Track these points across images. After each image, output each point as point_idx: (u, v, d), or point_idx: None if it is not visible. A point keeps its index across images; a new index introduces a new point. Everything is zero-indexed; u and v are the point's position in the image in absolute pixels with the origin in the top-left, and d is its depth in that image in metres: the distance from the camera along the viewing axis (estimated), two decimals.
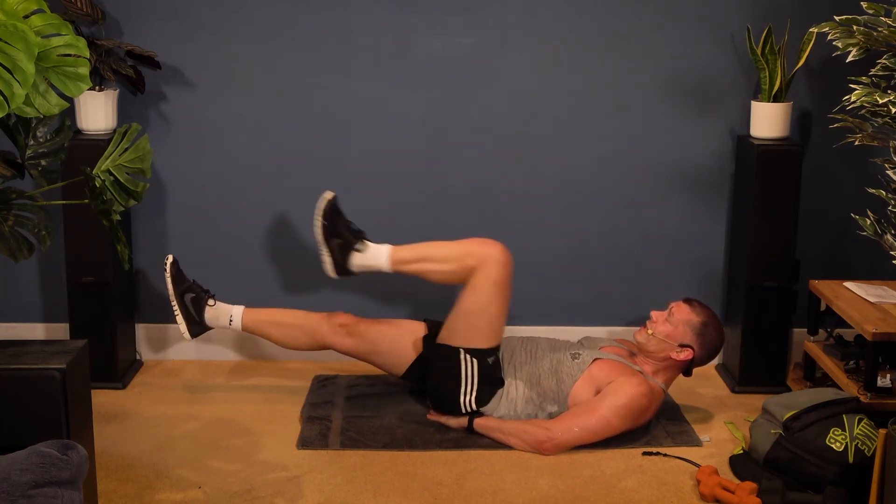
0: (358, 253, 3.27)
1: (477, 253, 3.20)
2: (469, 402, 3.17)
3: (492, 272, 3.18)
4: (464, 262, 3.21)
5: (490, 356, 3.19)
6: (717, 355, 3.32)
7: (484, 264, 3.18)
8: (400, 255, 3.27)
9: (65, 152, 2.69)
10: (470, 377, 3.17)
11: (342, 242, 3.27)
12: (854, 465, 2.79)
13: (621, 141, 3.70)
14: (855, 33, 2.86)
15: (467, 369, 3.17)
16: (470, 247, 3.23)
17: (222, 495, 2.79)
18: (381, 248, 3.28)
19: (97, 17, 3.41)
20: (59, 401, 2.34)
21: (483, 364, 3.18)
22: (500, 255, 3.20)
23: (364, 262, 3.28)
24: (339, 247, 3.27)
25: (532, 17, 3.61)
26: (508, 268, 3.21)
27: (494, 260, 3.19)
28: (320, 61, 3.62)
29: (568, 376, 3.18)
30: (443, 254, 3.25)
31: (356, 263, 3.28)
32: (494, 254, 3.19)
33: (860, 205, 3.39)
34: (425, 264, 3.26)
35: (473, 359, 3.18)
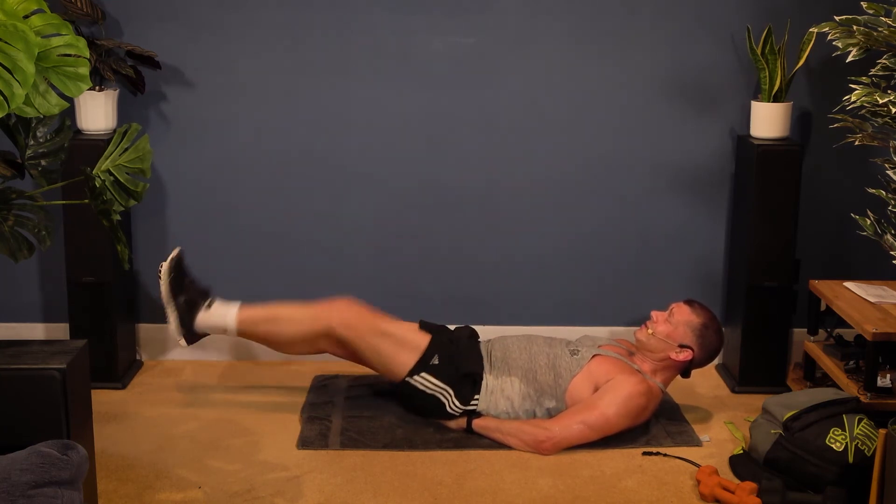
0: (204, 311, 3.22)
1: (324, 313, 3.21)
2: (454, 406, 3.18)
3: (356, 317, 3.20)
4: (314, 323, 3.20)
5: (430, 359, 3.20)
6: (716, 357, 3.32)
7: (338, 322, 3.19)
8: (248, 314, 3.22)
9: (65, 152, 2.69)
10: (436, 389, 3.18)
11: (187, 299, 3.21)
12: (854, 465, 2.79)
13: (621, 141, 3.70)
14: (855, 33, 2.86)
15: (427, 386, 3.19)
16: (318, 308, 3.23)
17: (222, 495, 2.79)
18: (230, 307, 3.23)
19: (97, 17, 3.41)
20: (59, 401, 2.34)
21: (433, 370, 3.19)
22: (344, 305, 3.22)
23: (210, 322, 3.22)
24: (185, 304, 3.21)
25: (532, 18, 3.61)
26: (361, 305, 3.23)
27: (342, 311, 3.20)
28: (320, 61, 3.62)
29: (566, 371, 3.18)
30: (292, 314, 3.23)
31: (202, 323, 3.22)
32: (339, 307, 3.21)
33: (860, 205, 3.39)
34: (274, 325, 3.23)
35: (420, 374, 3.19)
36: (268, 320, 3.24)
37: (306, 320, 3.22)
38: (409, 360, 3.21)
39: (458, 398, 3.17)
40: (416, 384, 3.19)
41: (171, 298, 3.21)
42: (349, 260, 3.76)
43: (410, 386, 3.20)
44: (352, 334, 3.20)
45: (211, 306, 3.24)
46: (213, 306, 3.24)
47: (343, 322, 3.20)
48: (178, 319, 3.22)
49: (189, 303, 3.23)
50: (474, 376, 3.19)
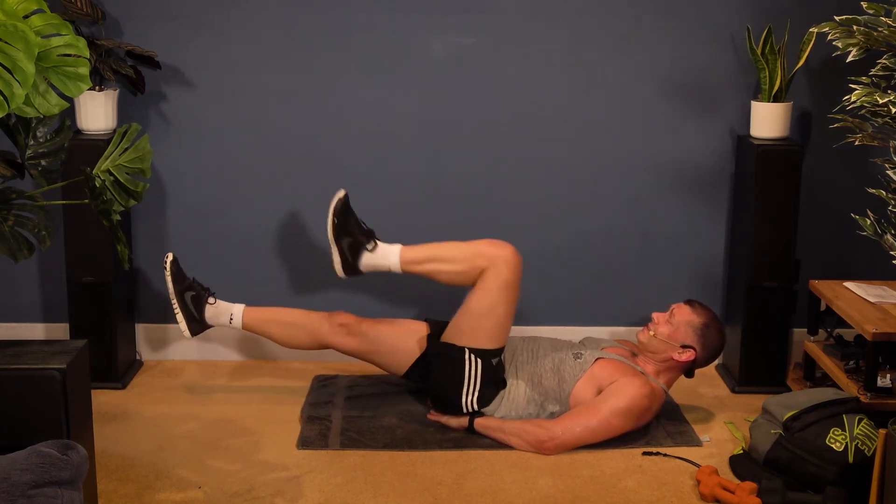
0: (368, 252, 3.26)
1: (487, 254, 3.19)
2: (471, 403, 3.17)
3: (502, 273, 3.17)
4: (474, 262, 3.19)
5: (494, 357, 3.19)
6: (718, 356, 3.33)
7: (494, 265, 3.17)
8: (410, 255, 3.26)
9: (65, 152, 2.69)
10: (473, 377, 3.17)
11: (352, 241, 3.26)
12: (854, 465, 2.79)
13: (621, 141, 3.70)
14: (855, 33, 2.86)
15: (471, 369, 3.17)
16: (480, 248, 3.22)
17: (222, 495, 2.79)
18: (392, 249, 3.26)
19: (97, 17, 3.41)
20: (59, 401, 2.34)
21: (487, 365, 3.17)
22: (510, 257, 3.18)
23: (374, 262, 3.27)
24: (349, 246, 3.26)
25: (532, 18, 3.61)
26: (518, 270, 3.20)
27: (505, 261, 3.17)
28: (320, 61, 3.62)
29: (570, 376, 3.18)
30: (453, 254, 3.24)
31: (366, 263, 3.27)
32: (505, 255, 3.18)
33: (860, 205, 3.39)
34: (435, 265, 3.24)
35: (478, 359, 3.17)
36: (429, 260, 3.25)
37: (464, 260, 3.22)
38: (487, 342, 3.18)
39: (478, 398, 3.17)
40: (467, 359, 3.17)
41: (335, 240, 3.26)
42: None
43: (460, 354, 3.18)
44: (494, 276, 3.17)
45: (375, 249, 3.26)
46: (377, 249, 3.26)
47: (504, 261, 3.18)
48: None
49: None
50: (502, 384, 3.20)
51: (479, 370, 3.17)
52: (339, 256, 3.26)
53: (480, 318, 3.19)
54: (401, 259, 3.25)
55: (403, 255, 3.25)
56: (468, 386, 3.17)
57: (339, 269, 3.28)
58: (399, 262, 3.25)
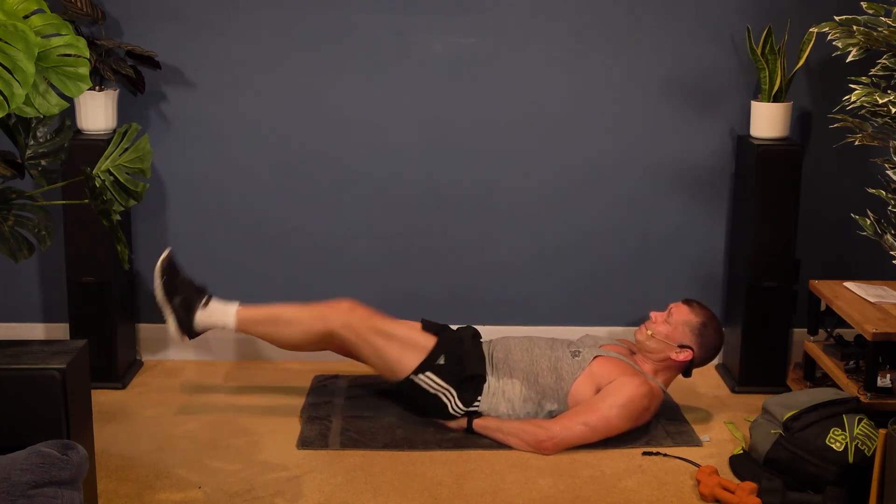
0: (202, 310, 3.22)
1: (328, 315, 3.19)
2: (457, 407, 3.18)
3: (359, 318, 3.18)
4: (314, 325, 3.20)
5: (436, 359, 3.20)
6: (716, 356, 3.32)
7: (343, 325, 3.17)
8: (248, 314, 3.22)
9: (65, 152, 2.69)
10: (439, 388, 3.17)
11: (184, 298, 3.21)
12: (854, 465, 2.79)
13: (621, 141, 3.70)
14: (855, 33, 2.86)
15: (430, 385, 3.18)
16: (320, 310, 3.21)
17: (222, 495, 2.79)
18: (229, 307, 3.23)
19: (97, 17, 3.41)
20: (59, 401, 2.34)
21: (438, 370, 3.18)
22: (346, 306, 3.20)
23: (210, 320, 3.22)
24: (181, 304, 3.21)
25: (532, 18, 3.61)
26: (363, 312, 3.21)
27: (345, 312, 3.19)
28: (320, 61, 3.62)
29: (568, 374, 3.18)
30: (292, 315, 3.22)
31: (200, 322, 3.22)
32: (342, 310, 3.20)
33: (860, 205, 3.39)
34: (273, 326, 3.23)
35: (426, 373, 3.18)
36: (268, 321, 3.24)
37: (306, 321, 3.22)
38: (414, 359, 3.20)
39: (460, 399, 3.17)
40: (420, 383, 3.19)
41: (166, 300, 3.21)
42: (349, 260, 3.76)
43: (414, 384, 3.20)
44: (353, 335, 3.19)
45: (208, 304, 3.23)
46: (211, 304, 3.23)
47: (344, 323, 3.19)
48: (177, 321, 3.22)
49: (185, 302, 3.23)
50: (477, 378, 3.19)
51: (438, 379, 3.18)
52: (173, 316, 3.21)
53: (385, 353, 3.20)
54: (237, 317, 3.22)
55: (240, 314, 3.22)
56: (444, 397, 3.17)
57: (174, 330, 3.22)
58: (234, 322, 3.22)
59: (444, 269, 3.76)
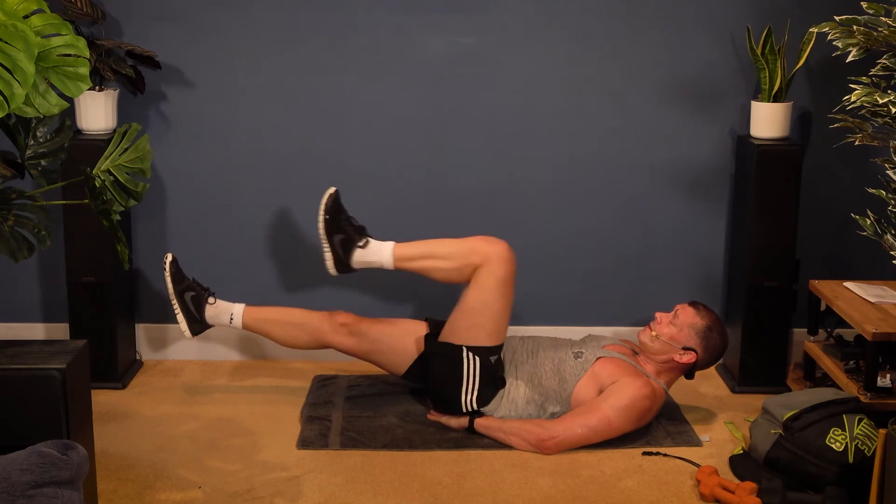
0: (360, 249, 3.26)
1: (481, 250, 3.19)
2: (470, 402, 3.17)
3: (496, 270, 3.16)
4: (468, 259, 3.19)
5: (493, 355, 3.19)
6: (719, 359, 3.33)
7: (488, 262, 3.17)
8: (403, 251, 3.25)
9: (65, 152, 2.69)
10: (472, 376, 3.17)
11: (344, 238, 3.26)
12: (854, 465, 2.79)
13: (621, 141, 3.70)
14: (855, 33, 2.86)
15: (469, 368, 3.17)
16: (474, 244, 3.21)
17: (222, 495, 2.79)
18: (384, 245, 3.26)
19: (97, 17, 3.41)
20: (59, 401, 2.34)
21: (485, 363, 3.17)
22: (504, 253, 3.18)
23: (366, 259, 3.26)
24: (341, 243, 3.25)
25: (532, 17, 3.61)
26: (513, 266, 3.20)
27: (499, 257, 3.17)
28: (321, 61, 3.62)
29: (571, 376, 3.17)
30: (447, 251, 3.23)
31: (357, 260, 3.26)
32: (499, 251, 3.18)
33: (860, 205, 3.39)
34: (429, 261, 3.24)
35: (476, 357, 3.17)
36: (422, 256, 3.24)
37: (458, 257, 3.20)
38: (486, 340, 3.17)
39: (478, 398, 3.17)
40: (465, 358, 3.17)
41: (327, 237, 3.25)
42: None
43: (458, 353, 3.17)
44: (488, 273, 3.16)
45: (367, 246, 3.25)
46: (369, 245, 3.25)
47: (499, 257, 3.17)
48: (333, 256, 3.25)
49: (344, 242, 3.26)
50: (500, 382, 3.20)
51: (478, 369, 3.17)
52: (330, 253, 3.26)
53: (477, 316, 3.18)
54: (394, 256, 3.24)
55: (396, 252, 3.25)
56: (467, 385, 3.17)
57: (330, 266, 3.28)
58: (392, 259, 3.25)
59: None
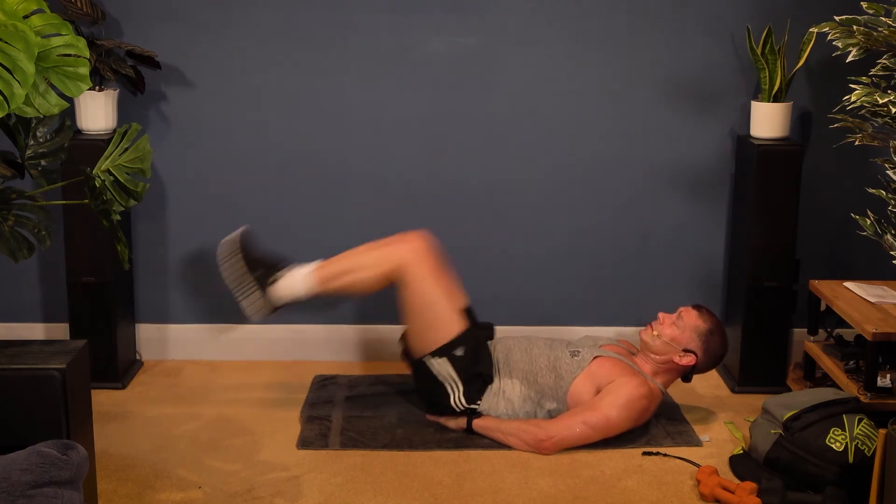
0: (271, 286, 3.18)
1: (396, 253, 3.17)
2: (459, 401, 3.17)
3: (419, 267, 3.14)
4: (385, 265, 3.16)
5: (456, 348, 3.18)
6: (718, 365, 3.33)
7: (408, 261, 3.15)
8: (322, 273, 3.19)
9: (65, 152, 2.69)
10: (449, 377, 3.17)
11: (262, 274, 3.19)
12: (854, 465, 2.79)
13: (621, 141, 3.70)
14: (855, 33, 2.86)
15: (442, 372, 3.17)
16: (390, 249, 3.19)
17: (222, 495, 2.79)
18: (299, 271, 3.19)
19: (97, 17, 3.41)
20: (59, 401, 2.34)
21: (453, 360, 3.17)
22: (419, 247, 3.17)
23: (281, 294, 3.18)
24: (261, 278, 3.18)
25: (532, 18, 3.61)
26: (432, 254, 3.18)
27: (415, 254, 3.15)
28: (320, 61, 3.62)
29: (567, 373, 3.18)
30: (362, 261, 3.20)
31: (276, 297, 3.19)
32: (414, 248, 3.16)
33: (860, 205, 3.39)
34: (349, 276, 3.19)
35: (442, 358, 3.17)
36: (342, 274, 3.20)
37: (375, 263, 3.17)
38: (440, 338, 3.17)
39: (465, 395, 3.17)
40: (432, 366, 3.18)
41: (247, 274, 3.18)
42: None
43: (425, 366, 3.19)
44: (411, 279, 3.14)
45: (278, 279, 3.19)
46: (282, 278, 3.20)
47: (409, 262, 3.14)
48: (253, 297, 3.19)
49: (262, 277, 3.20)
50: (485, 377, 3.19)
51: (450, 368, 3.17)
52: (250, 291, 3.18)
53: (421, 317, 3.17)
54: (310, 284, 3.17)
55: (315, 277, 3.17)
56: (449, 387, 3.17)
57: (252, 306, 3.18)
58: (308, 289, 3.17)
59: None
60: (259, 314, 3.20)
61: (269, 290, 3.18)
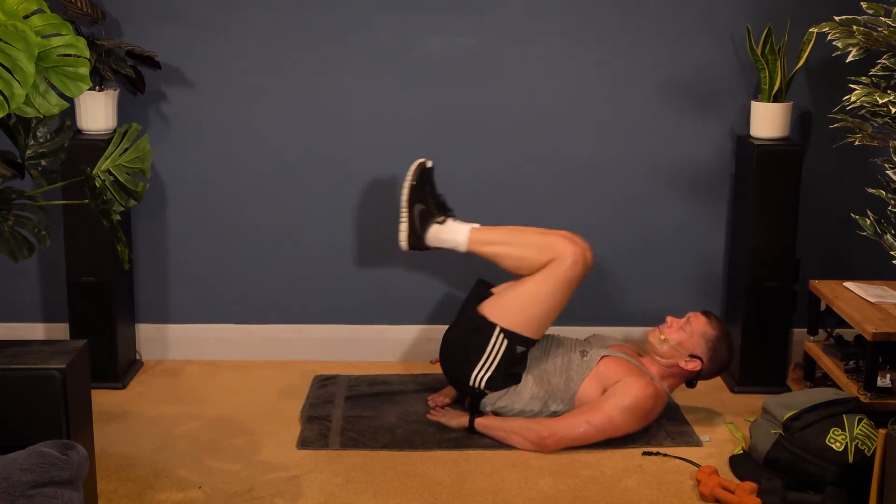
0: (437, 225, 3.22)
1: (558, 247, 3.15)
2: (479, 380, 3.15)
3: (567, 269, 3.13)
4: (543, 255, 3.15)
5: (521, 345, 3.16)
6: (723, 372, 3.33)
7: (562, 259, 3.14)
8: (481, 235, 3.21)
9: (65, 152, 2.69)
10: (492, 357, 3.14)
11: (424, 210, 3.22)
12: (854, 465, 2.79)
13: (621, 141, 3.70)
14: (855, 33, 2.86)
15: (494, 347, 3.14)
16: (554, 241, 3.17)
17: (222, 495, 2.79)
18: (462, 227, 3.22)
19: (97, 17, 3.41)
20: (59, 401, 2.34)
21: (510, 350, 3.14)
22: (580, 256, 3.15)
23: (441, 237, 3.22)
24: (420, 214, 3.21)
25: (532, 17, 3.61)
26: (584, 269, 3.18)
27: (574, 259, 3.14)
28: (320, 61, 3.62)
29: (577, 375, 3.17)
30: (524, 241, 3.20)
31: (433, 237, 3.23)
32: (575, 253, 3.15)
33: (860, 205, 3.39)
34: (503, 248, 3.20)
35: (506, 340, 3.14)
36: (499, 242, 3.21)
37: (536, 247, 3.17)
38: (524, 328, 3.14)
39: (488, 380, 3.15)
40: (494, 336, 3.14)
41: (408, 204, 3.21)
42: (349, 259, 3.76)
43: (489, 328, 3.15)
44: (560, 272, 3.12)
45: (445, 223, 3.22)
46: (448, 223, 3.23)
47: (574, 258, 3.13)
48: (409, 227, 3.22)
49: (424, 213, 3.23)
50: (516, 377, 3.18)
51: (502, 352, 3.14)
52: (407, 223, 3.21)
53: (527, 303, 3.15)
54: (469, 238, 3.20)
55: (473, 235, 3.20)
56: (483, 363, 3.15)
57: (403, 238, 3.23)
58: (467, 241, 3.20)
59: (444, 270, 3.76)
60: (404, 244, 3.24)
61: (431, 229, 3.22)
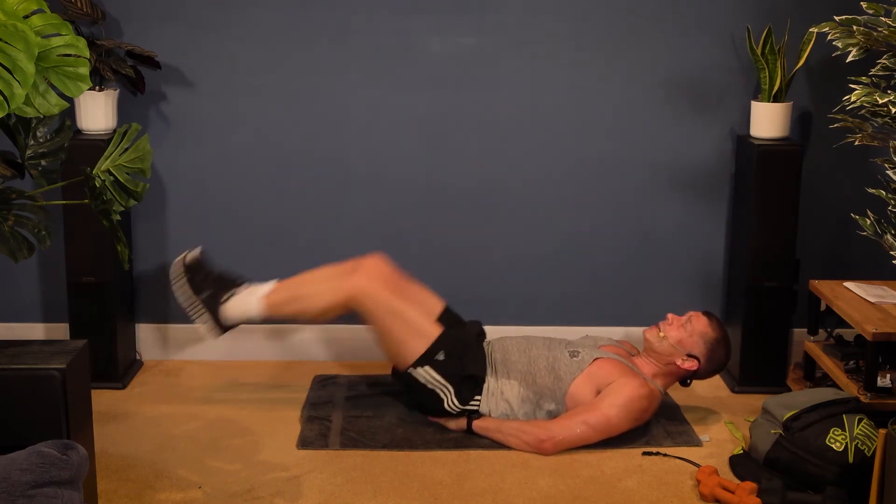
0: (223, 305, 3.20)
1: (346, 287, 3.16)
2: (453, 404, 3.17)
3: (376, 292, 3.15)
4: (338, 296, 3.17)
5: (436, 354, 3.17)
6: (718, 373, 3.33)
7: (358, 294, 3.15)
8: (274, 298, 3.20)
9: (65, 152, 2.69)
10: (437, 383, 3.17)
11: (210, 296, 3.21)
12: (854, 465, 2.79)
13: (621, 141, 3.70)
14: (855, 33, 2.86)
15: (429, 379, 3.17)
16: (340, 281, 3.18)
17: (222, 495, 2.79)
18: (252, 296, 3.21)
19: (97, 17, 3.41)
20: (59, 401, 2.34)
21: (437, 365, 3.17)
22: (372, 274, 3.18)
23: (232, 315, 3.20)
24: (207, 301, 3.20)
25: (532, 18, 3.61)
26: (388, 275, 3.20)
27: (369, 281, 3.16)
28: (320, 61, 3.62)
29: (566, 374, 3.17)
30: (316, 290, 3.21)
31: (229, 317, 3.21)
32: (367, 275, 3.17)
33: (860, 205, 3.39)
34: (300, 303, 3.21)
35: (424, 368, 3.17)
36: (292, 300, 3.22)
37: (328, 293, 3.19)
38: (417, 349, 3.17)
39: (457, 397, 3.17)
40: (418, 376, 3.18)
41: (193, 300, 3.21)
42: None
43: (412, 377, 3.19)
44: (370, 306, 3.15)
45: (230, 299, 3.21)
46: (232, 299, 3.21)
47: (363, 292, 3.15)
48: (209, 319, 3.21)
49: (210, 300, 3.22)
50: (476, 378, 3.19)
51: (436, 374, 3.16)
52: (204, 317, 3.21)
53: (392, 335, 3.18)
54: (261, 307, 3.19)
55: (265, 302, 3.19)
56: (441, 392, 3.17)
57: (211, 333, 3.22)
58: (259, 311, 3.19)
59: (443, 269, 3.76)
60: (211, 334, 3.23)
61: (221, 309, 3.20)
